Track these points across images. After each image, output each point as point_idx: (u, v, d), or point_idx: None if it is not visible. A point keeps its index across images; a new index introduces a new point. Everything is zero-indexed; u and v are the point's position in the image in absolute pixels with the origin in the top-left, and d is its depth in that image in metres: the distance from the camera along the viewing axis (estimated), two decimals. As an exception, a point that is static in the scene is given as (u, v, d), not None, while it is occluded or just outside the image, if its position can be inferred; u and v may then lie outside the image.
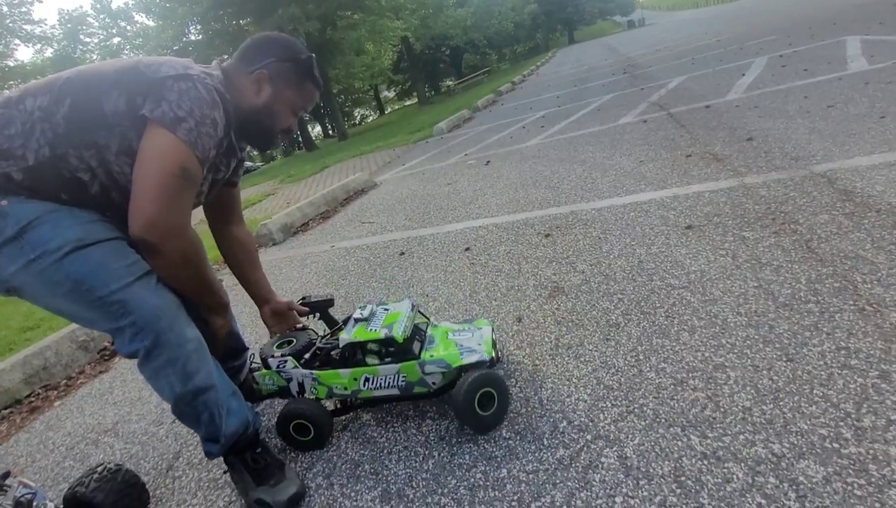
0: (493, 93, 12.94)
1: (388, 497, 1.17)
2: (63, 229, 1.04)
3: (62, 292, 1.04)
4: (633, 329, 1.51)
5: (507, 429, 1.26)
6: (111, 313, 1.06)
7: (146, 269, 1.11)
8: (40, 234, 1.02)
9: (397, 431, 1.39)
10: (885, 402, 1.01)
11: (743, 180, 2.37)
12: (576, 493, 1.03)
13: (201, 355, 1.16)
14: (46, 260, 1.02)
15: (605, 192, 2.83)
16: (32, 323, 3.64)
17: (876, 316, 1.26)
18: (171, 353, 1.09)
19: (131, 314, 1.05)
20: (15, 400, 2.39)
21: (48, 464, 1.78)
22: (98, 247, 1.06)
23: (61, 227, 1.04)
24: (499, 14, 31.40)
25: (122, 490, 1.27)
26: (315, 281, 2.92)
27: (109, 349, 2.77)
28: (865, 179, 1.99)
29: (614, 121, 4.79)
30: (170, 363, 1.10)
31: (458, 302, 2.06)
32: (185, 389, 1.13)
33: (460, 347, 1.35)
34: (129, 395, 2.14)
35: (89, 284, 1.04)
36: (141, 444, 1.72)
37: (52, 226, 1.03)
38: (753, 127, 3.18)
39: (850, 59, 4.41)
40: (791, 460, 0.95)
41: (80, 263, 1.04)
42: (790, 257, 1.62)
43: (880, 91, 3.16)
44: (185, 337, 1.12)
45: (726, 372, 1.22)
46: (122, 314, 1.05)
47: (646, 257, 1.92)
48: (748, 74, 5.11)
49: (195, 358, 1.13)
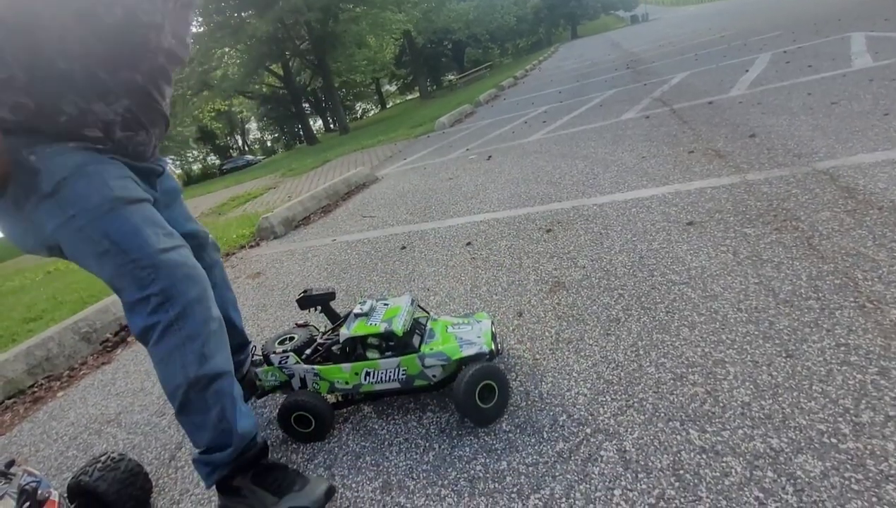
0: (495, 87, 12.89)
1: (388, 489, 1.18)
2: (100, 186, 1.03)
3: (98, 251, 1.03)
4: (634, 324, 1.51)
5: (507, 422, 1.27)
6: (140, 278, 1.03)
7: (181, 241, 1.11)
8: (77, 190, 1.01)
9: (398, 423, 1.40)
10: (884, 398, 1.02)
11: (745, 177, 2.36)
12: (575, 486, 1.04)
13: (221, 338, 1.13)
14: (85, 217, 1.01)
15: (606, 188, 2.83)
16: (35, 314, 3.66)
17: (876, 313, 1.26)
18: (193, 328, 1.05)
19: (162, 281, 1.03)
20: (18, 390, 2.40)
21: (52, 454, 1.79)
22: (136, 209, 1.07)
23: (97, 183, 1.03)
24: (501, 8, 31.20)
25: (126, 480, 1.28)
26: (316, 274, 2.93)
27: (112, 340, 2.78)
28: (868, 176, 1.99)
29: (617, 117, 4.77)
30: (189, 339, 1.05)
31: (459, 296, 2.06)
32: (200, 372, 1.06)
33: (460, 340, 1.36)
34: (131, 386, 2.15)
35: (126, 246, 1.03)
36: (144, 434, 1.73)
37: (87, 182, 1.02)
38: (756, 123, 3.17)
39: (854, 56, 4.39)
40: (789, 454, 0.96)
41: (120, 223, 1.04)
42: (791, 254, 1.62)
43: (884, 88, 3.15)
44: (210, 314, 1.09)
45: (726, 367, 1.23)
46: (152, 280, 1.03)
47: (647, 253, 1.92)
48: (752, 70, 5.08)
49: (215, 339, 1.10)
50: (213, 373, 1.09)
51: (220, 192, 11.17)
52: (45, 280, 5.59)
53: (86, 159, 1.05)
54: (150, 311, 1.04)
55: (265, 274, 3.25)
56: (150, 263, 1.03)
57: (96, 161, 1.06)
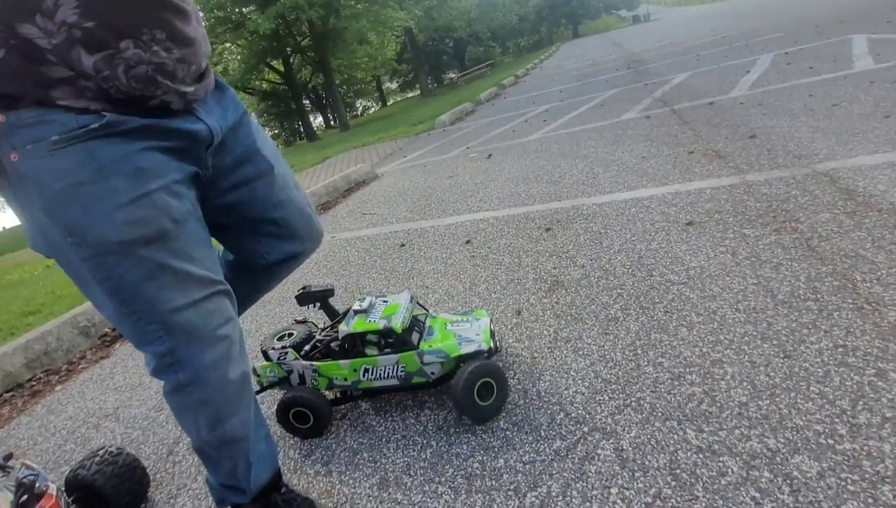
0: (496, 86, 12.87)
1: (385, 485, 1.18)
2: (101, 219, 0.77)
3: (99, 280, 0.82)
4: (632, 323, 1.52)
5: (504, 420, 1.27)
6: (146, 333, 0.85)
7: (213, 287, 0.90)
8: (73, 219, 0.77)
9: (396, 420, 1.40)
10: (881, 400, 1.02)
11: (745, 177, 2.37)
12: (572, 484, 1.04)
13: (240, 399, 0.97)
14: (85, 250, 0.79)
15: (606, 187, 2.83)
16: (34, 308, 3.65)
17: (874, 314, 1.26)
18: (206, 394, 0.91)
19: (171, 341, 0.86)
20: (17, 383, 2.40)
21: (49, 447, 1.79)
22: (152, 250, 0.81)
23: (98, 215, 0.77)
24: (503, 6, 31.13)
25: (123, 474, 1.28)
26: (315, 271, 2.93)
27: (111, 335, 2.78)
28: (868, 179, 1.99)
29: (617, 117, 4.77)
30: (202, 404, 0.92)
31: (457, 294, 2.06)
32: (211, 435, 0.95)
33: (458, 337, 1.36)
34: (129, 381, 2.15)
35: (131, 294, 0.82)
36: (142, 429, 1.73)
37: (83, 211, 0.77)
38: (757, 124, 3.17)
39: (856, 58, 4.39)
40: (786, 455, 0.96)
41: (126, 268, 0.80)
42: (790, 255, 1.62)
43: (885, 90, 3.15)
44: (227, 379, 0.92)
45: (723, 367, 1.23)
46: (159, 338, 0.85)
47: (646, 253, 1.92)
48: (753, 71, 5.08)
49: (232, 403, 0.95)
50: (225, 438, 0.96)
51: (220, 188, 11.14)
52: (44, 274, 5.58)
53: (74, 163, 0.75)
54: (157, 369, 0.89)
55: (264, 271, 3.24)
56: (159, 321, 0.84)
57: (91, 159, 0.76)
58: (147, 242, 0.81)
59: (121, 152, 0.78)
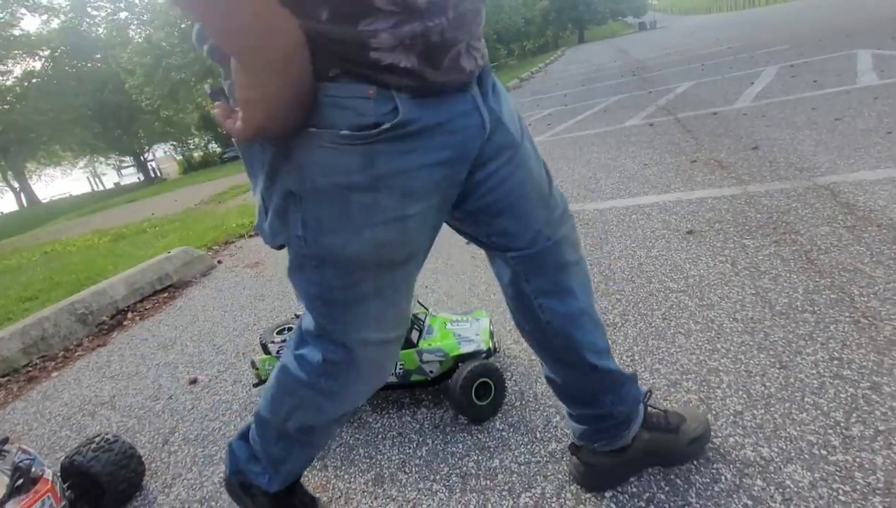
0: (500, 88, 12.86)
1: (380, 481, 1.19)
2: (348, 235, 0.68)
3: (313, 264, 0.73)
4: (630, 329, 1.52)
5: (500, 421, 1.28)
6: (324, 344, 0.81)
7: (398, 332, 0.83)
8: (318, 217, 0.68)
9: (392, 417, 1.41)
10: (875, 413, 1.03)
11: (746, 188, 2.38)
12: (566, 486, 1.05)
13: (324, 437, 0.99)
14: (313, 246, 0.70)
15: (608, 193, 2.84)
16: (31, 294, 3.65)
17: (871, 328, 1.27)
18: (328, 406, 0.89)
19: (342, 360, 0.81)
20: (13, 368, 2.40)
21: (44, 433, 1.79)
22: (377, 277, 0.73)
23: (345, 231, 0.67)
24: (509, 9, 31.17)
25: (119, 461, 1.28)
26: (315, 266, 2.93)
27: (108, 323, 2.78)
28: (868, 193, 2.00)
29: (621, 123, 4.78)
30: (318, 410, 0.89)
31: (457, 294, 2.07)
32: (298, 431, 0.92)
33: (458, 337, 1.36)
34: (126, 370, 2.16)
35: (332, 305, 0.76)
36: (137, 418, 1.74)
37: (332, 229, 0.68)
38: (760, 136, 3.18)
39: (860, 73, 4.41)
40: (779, 464, 0.97)
41: (343, 281, 0.72)
42: (789, 267, 1.64)
43: (889, 106, 3.16)
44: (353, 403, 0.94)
45: (720, 375, 1.24)
46: (333, 352, 0.80)
47: (646, 260, 1.93)
48: (757, 83, 5.10)
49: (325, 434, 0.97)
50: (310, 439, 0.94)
51: (221, 180, 11.13)
52: (42, 260, 5.57)
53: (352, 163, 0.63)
54: (308, 362, 0.84)
55: (264, 264, 3.25)
56: (343, 343, 0.79)
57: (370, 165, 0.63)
58: (378, 266, 0.72)
59: (400, 167, 0.64)
